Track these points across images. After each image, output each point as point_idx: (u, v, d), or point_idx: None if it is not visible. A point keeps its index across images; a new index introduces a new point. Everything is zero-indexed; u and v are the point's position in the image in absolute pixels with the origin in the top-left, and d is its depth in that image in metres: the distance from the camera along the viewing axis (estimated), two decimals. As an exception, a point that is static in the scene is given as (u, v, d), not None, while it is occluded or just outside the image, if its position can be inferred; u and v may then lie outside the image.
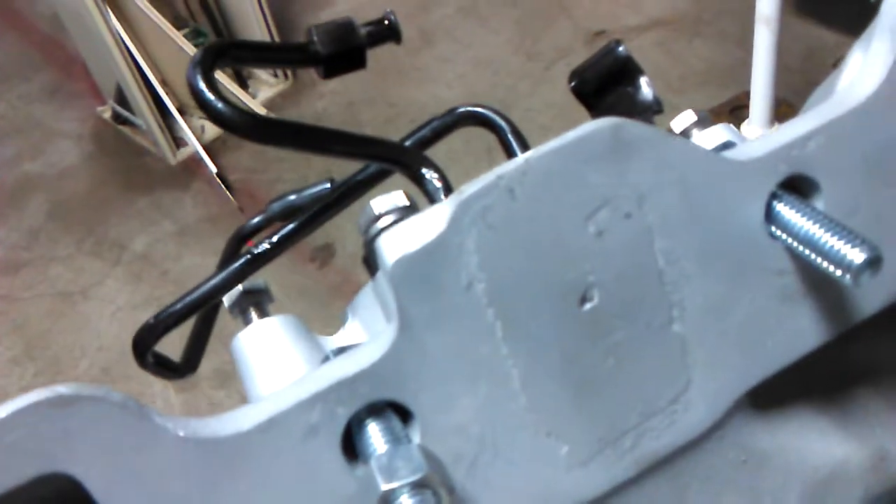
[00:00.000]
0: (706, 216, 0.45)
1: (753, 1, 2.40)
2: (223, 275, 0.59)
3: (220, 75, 3.03)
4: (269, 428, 0.39)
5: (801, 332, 0.49)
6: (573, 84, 0.67)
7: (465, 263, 0.41)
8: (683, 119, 0.61)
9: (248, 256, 0.59)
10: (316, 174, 2.97)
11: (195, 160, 3.06)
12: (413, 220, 0.41)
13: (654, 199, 0.43)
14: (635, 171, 0.43)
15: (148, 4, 2.92)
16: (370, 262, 0.49)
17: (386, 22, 0.54)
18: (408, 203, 0.49)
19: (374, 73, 3.16)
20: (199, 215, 2.90)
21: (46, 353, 2.59)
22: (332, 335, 0.62)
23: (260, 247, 0.59)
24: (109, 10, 2.85)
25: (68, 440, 0.36)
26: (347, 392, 0.40)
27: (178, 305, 0.59)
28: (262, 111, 3.02)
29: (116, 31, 2.87)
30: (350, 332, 0.60)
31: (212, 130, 3.16)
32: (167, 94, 3.01)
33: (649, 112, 0.68)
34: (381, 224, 0.48)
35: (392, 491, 0.38)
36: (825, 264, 0.44)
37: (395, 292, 0.40)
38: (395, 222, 0.48)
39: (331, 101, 3.15)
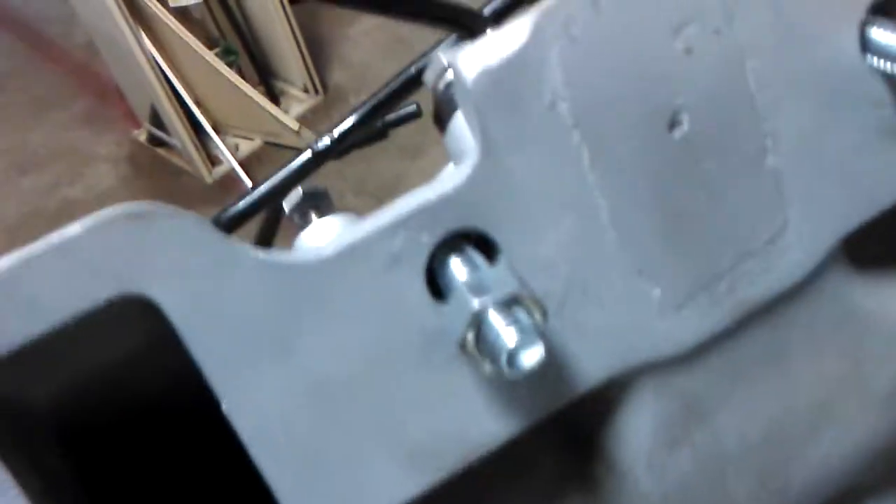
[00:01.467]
0: (799, 38, 0.43)
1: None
2: (283, 172, 0.57)
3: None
4: (351, 255, 0.37)
5: None
6: None
7: (548, 79, 0.38)
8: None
9: (310, 153, 0.57)
10: (350, 184, 2.97)
11: (231, 177, 3.08)
12: (493, 34, 0.39)
13: (744, 16, 0.41)
14: (723, -17, 0.40)
15: (180, 27, 2.96)
16: (441, 117, 0.47)
17: None
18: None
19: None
20: (238, 232, 2.91)
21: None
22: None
23: (320, 143, 0.57)
24: (143, 34, 2.90)
25: (145, 258, 0.34)
26: (430, 218, 0.38)
27: (240, 205, 0.58)
28: (294, 126, 3.05)
29: (150, 54, 2.92)
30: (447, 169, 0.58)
31: (246, 147, 3.18)
32: (202, 113, 3.05)
33: None
34: (450, 74, 0.46)
35: (484, 309, 0.35)
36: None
37: (477, 111, 0.38)
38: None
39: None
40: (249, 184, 2.99)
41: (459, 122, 0.44)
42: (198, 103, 3.07)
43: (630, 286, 0.42)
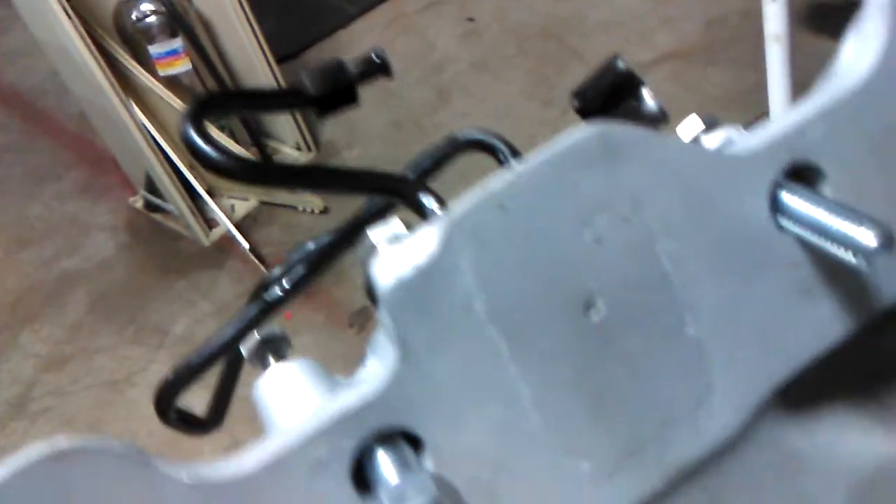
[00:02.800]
0: (709, 214, 0.44)
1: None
2: (236, 323, 0.58)
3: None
4: (276, 467, 0.38)
5: (823, 325, 0.47)
6: (576, 105, 0.67)
7: (461, 283, 0.40)
8: (689, 125, 0.59)
9: (262, 303, 0.59)
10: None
11: (227, 239, 3.10)
12: (403, 243, 0.40)
13: (651, 201, 0.42)
14: (628, 174, 0.42)
15: (170, 94, 3.00)
16: (372, 293, 0.48)
17: (374, 57, 0.54)
18: (405, 231, 0.48)
19: (396, 134, 3.21)
20: (235, 292, 2.93)
21: (96, 444, 2.60)
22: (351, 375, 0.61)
23: (272, 293, 0.59)
24: (133, 104, 2.94)
25: (71, 495, 0.35)
26: (353, 424, 0.39)
27: (195, 358, 0.59)
28: (288, 184, 3.06)
29: (141, 122, 2.96)
30: (369, 369, 0.60)
31: (242, 208, 3.21)
32: (195, 177, 3.07)
33: (656, 123, 0.67)
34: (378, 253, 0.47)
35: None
36: (837, 250, 0.43)
37: (392, 318, 0.40)
38: (392, 251, 0.47)
39: (356, 165, 3.19)
40: (246, 245, 3.01)
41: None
42: (191, 168, 3.10)
43: (559, 463, 0.43)
